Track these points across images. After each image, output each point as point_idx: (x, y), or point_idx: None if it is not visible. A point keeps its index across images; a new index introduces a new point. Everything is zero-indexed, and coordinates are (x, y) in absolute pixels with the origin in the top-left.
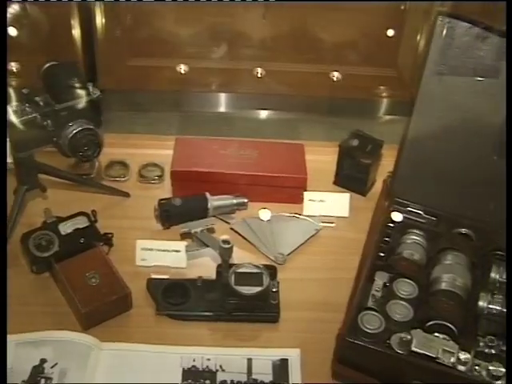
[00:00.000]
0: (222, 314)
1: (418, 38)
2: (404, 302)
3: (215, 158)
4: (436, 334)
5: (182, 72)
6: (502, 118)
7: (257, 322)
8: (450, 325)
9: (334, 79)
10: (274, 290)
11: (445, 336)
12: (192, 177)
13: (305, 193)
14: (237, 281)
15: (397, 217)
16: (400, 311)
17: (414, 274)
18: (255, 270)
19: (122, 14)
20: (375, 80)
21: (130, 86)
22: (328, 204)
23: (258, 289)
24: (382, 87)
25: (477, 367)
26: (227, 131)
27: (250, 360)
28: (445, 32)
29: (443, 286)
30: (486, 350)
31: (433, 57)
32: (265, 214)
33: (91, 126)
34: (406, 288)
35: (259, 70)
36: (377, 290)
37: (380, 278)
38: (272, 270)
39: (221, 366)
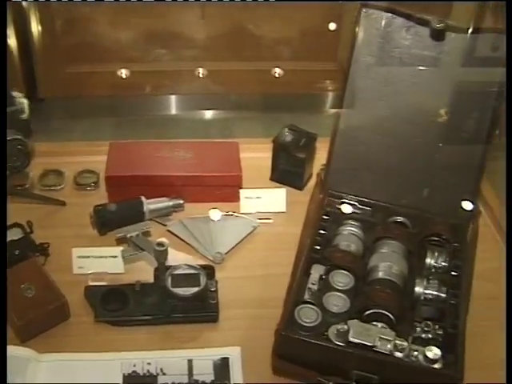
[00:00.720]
0: (161, 316)
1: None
2: (340, 294)
3: (150, 161)
4: (374, 323)
5: (123, 76)
6: (444, 106)
7: (196, 322)
8: (387, 313)
9: (276, 75)
10: (213, 289)
11: (383, 324)
12: (127, 181)
13: (241, 190)
14: (173, 283)
15: (346, 209)
16: (337, 303)
17: (349, 264)
18: (192, 271)
19: (58, 21)
20: (318, 74)
21: (71, 93)
22: (265, 200)
23: (195, 289)
24: (325, 81)
25: (415, 353)
26: (172, 133)
27: (190, 361)
28: (369, 23)
29: (380, 274)
30: (423, 335)
31: (359, 48)
32: (215, 214)
33: (19, 136)
34: (342, 279)
35: (201, 70)
36: (313, 283)
37: (316, 271)
38: (209, 270)
39: (161, 370)
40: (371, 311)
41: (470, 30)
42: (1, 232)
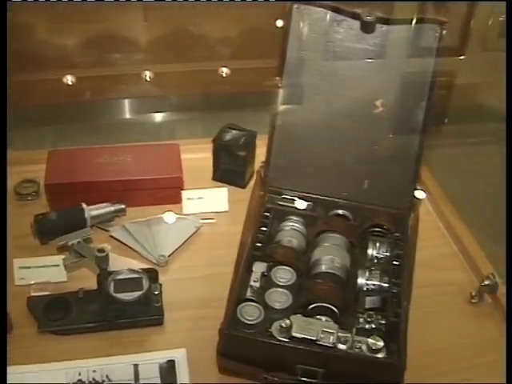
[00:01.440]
0: (105, 323)
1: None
2: (282, 289)
3: (90, 167)
4: (318, 317)
5: (70, 83)
6: (380, 97)
7: (141, 326)
8: (330, 306)
9: (223, 75)
10: (156, 292)
11: (327, 318)
12: (67, 189)
13: (182, 192)
14: (116, 288)
15: (300, 204)
16: (279, 299)
17: (291, 260)
18: (134, 275)
19: None
20: (267, 72)
21: (16, 102)
22: (207, 200)
23: (138, 293)
24: (275, 78)
25: (359, 344)
26: (122, 138)
27: (136, 366)
28: (301, 19)
29: (322, 268)
30: (367, 326)
31: (292, 44)
32: (169, 217)
33: None
34: (284, 275)
35: (147, 73)
36: (255, 281)
37: (258, 269)
38: (152, 273)
39: (107, 376)
40: (314, 305)
41: (414, 22)
42: (1, 227)
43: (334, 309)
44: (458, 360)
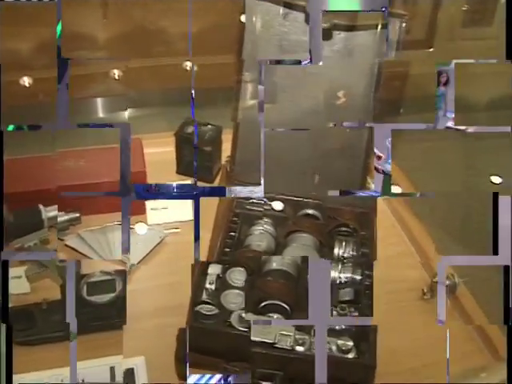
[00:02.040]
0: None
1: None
2: (237, 291)
3: (45, 174)
4: (270, 315)
5: (27, 85)
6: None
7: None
8: (281, 303)
9: (188, 69)
10: None
11: (278, 315)
12: (21, 198)
13: (146, 202)
14: (89, 291)
15: (277, 206)
16: (234, 300)
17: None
18: (107, 277)
19: None
20: (233, 67)
21: None
22: (171, 210)
23: (111, 295)
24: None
25: (328, 344)
26: (91, 140)
27: (112, 368)
28: (254, 13)
29: (273, 266)
30: (337, 327)
31: (248, 39)
32: (140, 228)
33: None
34: (239, 276)
35: (116, 71)
36: (210, 283)
37: (213, 271)
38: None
39: (83, 380)
40: (266, 303)
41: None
42: None
43: (286, 306)
44: (414, 358)
